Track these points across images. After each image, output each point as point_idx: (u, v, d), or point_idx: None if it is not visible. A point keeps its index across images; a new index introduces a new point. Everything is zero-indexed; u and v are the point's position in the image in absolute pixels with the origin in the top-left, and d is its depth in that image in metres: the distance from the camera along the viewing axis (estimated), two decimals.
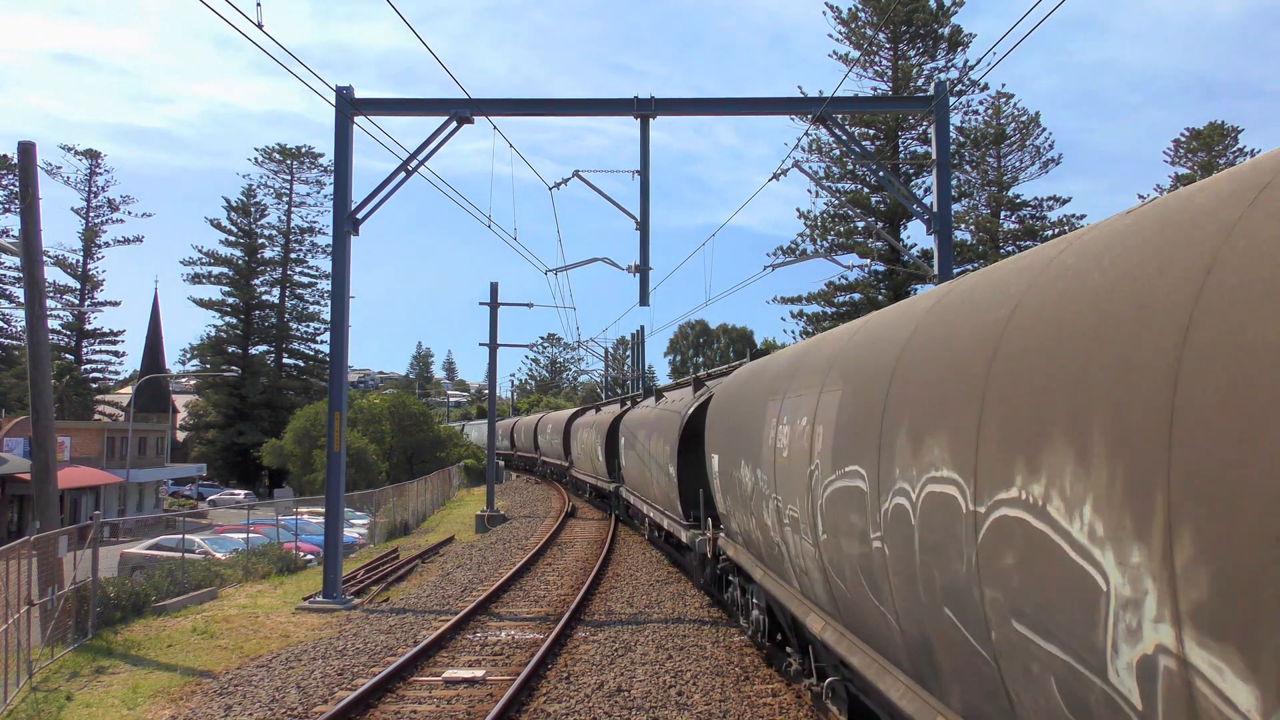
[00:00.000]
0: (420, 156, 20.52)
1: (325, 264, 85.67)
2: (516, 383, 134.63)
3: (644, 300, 21.22)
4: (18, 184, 18.32)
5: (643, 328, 66.62)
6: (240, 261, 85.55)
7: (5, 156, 73.58)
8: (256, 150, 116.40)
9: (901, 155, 50.48)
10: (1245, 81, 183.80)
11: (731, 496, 12.20)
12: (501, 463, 71.46)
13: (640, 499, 24.81)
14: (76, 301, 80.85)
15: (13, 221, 72.58)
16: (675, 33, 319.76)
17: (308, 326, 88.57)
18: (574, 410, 51.60)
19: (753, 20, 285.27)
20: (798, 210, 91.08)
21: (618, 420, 30.22)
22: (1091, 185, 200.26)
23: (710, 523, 15.45)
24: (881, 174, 26.47)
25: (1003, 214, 56.30)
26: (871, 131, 51.62)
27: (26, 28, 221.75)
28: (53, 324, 77.05)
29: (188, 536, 24.69)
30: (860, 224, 51.47)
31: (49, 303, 45.43)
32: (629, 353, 67.46)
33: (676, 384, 25.59)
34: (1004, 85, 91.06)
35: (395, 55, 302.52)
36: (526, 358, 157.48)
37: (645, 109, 20.42)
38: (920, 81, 51.83)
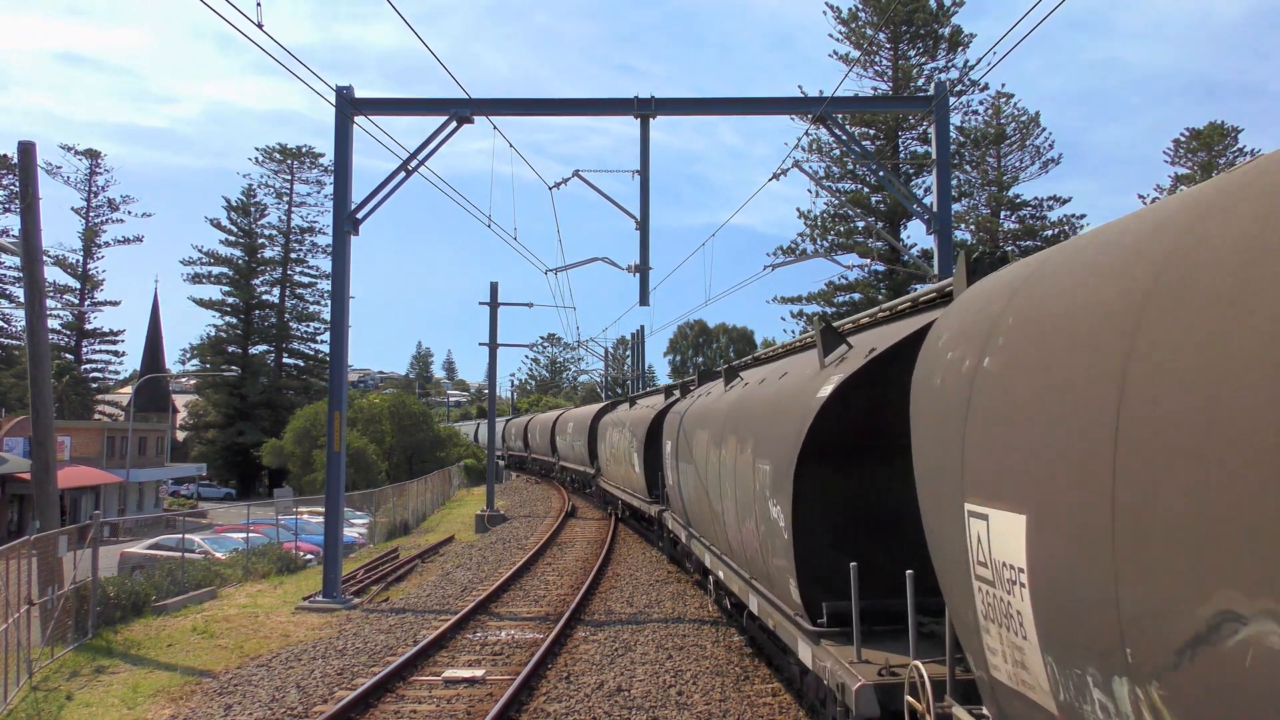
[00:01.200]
0: (420, 156, 20.53)
1: (325, 264, 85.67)
2: (516, 382, 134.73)
3: (644, 300, 21.22)
4: (18, 184, 18.33)
5: (643, 327, 66.70)
6: (240, 261, 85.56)
7: (5, 156, 73.58)
8: (257, 150, 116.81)
9: (901, 155, 50.48)
10: (1247, 82, 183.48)
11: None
12: (502, 462, 71.33)
13: (699, 539, 16.08)
14: (76, 301, 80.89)
15: (13, 221, 72.62)
16: (678, 33, 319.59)
17: (308, 326, 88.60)
18: (601, 405, 41.75)
19: (756, 20, 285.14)
20: (798, 210, 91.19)
21: (661, 416, 23.02)
22: (1094, 185, 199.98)
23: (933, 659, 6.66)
24: (881, 174, 26.49)
25: (1003, 214, 56.31)
26: (871, 131, 51.62)
27: (28, 28, 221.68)
28: (53, 324, 77.10)
29: (188, 536, 24.69)
30: (860, 224, 51.49)
31: (49, 302, 45.44)
32: (629, 352, 67.49)
33: (768, 355, 14.82)
34: (1004, 85, 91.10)
35: (398, 55, 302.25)
36: (526, 358, 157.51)
37: (645, 109, 20.42)
38: (920, 81, 51.83)
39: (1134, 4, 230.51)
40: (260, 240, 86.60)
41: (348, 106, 20.39)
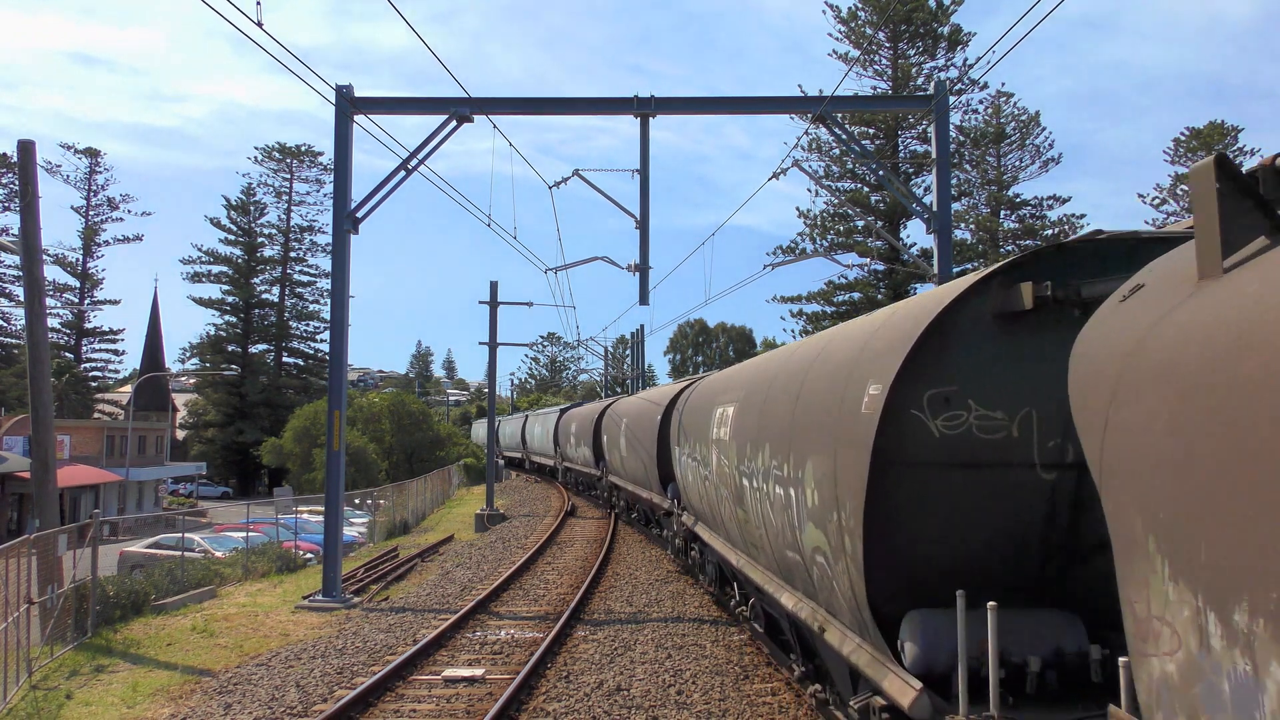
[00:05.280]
0: (420, 155, 20.51)
1: (325, 262, 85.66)
2: (516, 381, 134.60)
3: (644, 299, 21.20)
4: (17, 182, 18.32)
5: (642, 326, 66.69)
6: (240, 260, 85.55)
7: (5, 155, 73.54)
8: (256, 149, 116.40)
9: (901, 154, 50.45)
10: (1256, 83, 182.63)
11: None
12: (501, 461, 71.34)
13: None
14: (76, 300, 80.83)
15: (13, 220, 72.58)
16: (690, 35, 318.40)
17: (307, 325, 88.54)
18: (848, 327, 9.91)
19: (768, 22, 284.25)
20: (797, 209, 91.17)
21: None
22: (1099, 185, 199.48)
23: None
24: (881, 173, 26.48)
25: (1002, 213, 56.31)
26: (871, 130, 51.60)
27: (42, 28, 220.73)
28: (52, 322, 77.04)
29: (187, 535, 24.69)
30: (860, 223, 51.48)
31: (49, 301, 45.34)
32: (629, 351, 67.47)
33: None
34: (1004, 84, 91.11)
35: (410, 55, 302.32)
36: (526, 357, 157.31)
37: (645, 108, 20.42)
38: (920, 80, 51.83)
39: (1143, 4, 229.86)
40: (260, 239, 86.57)
41: (347, 105, 20.38)
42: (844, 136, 24.41)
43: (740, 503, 11.34)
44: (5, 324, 77.80)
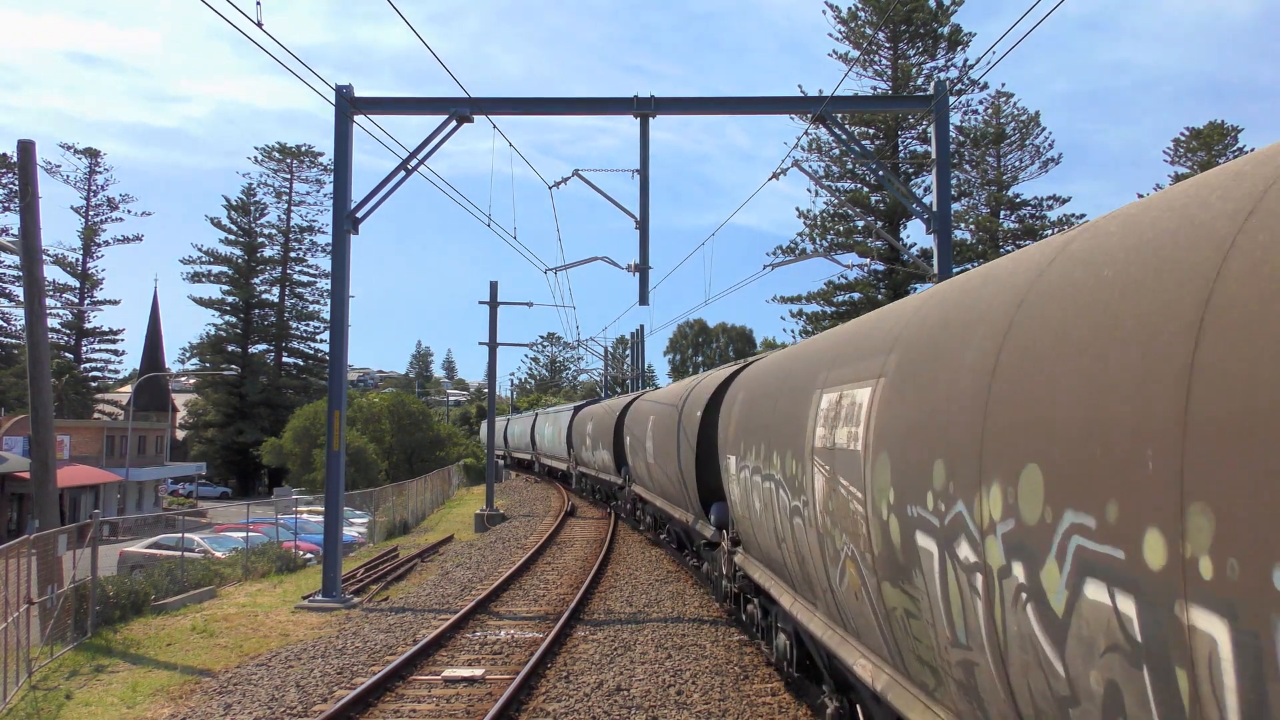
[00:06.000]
0: (420, 156, 20.52)
1: (325, 263, 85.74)
2: (516, 381, 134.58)
3: (643, 299, 21.20)
4: (17, 183, 18.32)
5: (642, 326, 66.77)
6: (240, 260, 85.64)
7: (5, 155, 73.56)
8: (256, 149, 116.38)
9: (901, 154, 50.47)
10: (1255, 83, 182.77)
11: None
12: (502, 461, 71.32)
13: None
14: (76, 300, 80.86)
15: (13, 220, 72.57)
16: (691, 35, 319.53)
17: (307, 325, 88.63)
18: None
19: (769, 22, 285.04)
20: (797, 209, 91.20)
21: None
22: (1099, 185, 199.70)
23: None
24: (881, 173, 26.49)
25: (1002, 213, 56.33)
26: (871, 131, 51.62)
27: (42, 28, 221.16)
28: (52, 322, 77.04)
29: (187, 535, 24.68)
30: (860, 223, 51.49)
31: (49, 301, 45.23)
32: (628, 352, 67.53)
33: None
34: (1004, 85, 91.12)
35: (412, 56, 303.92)
36: (526, 357, 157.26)
37: (645, 108, 20.42)
38: (920, 81, 51.84)
39: (1143, 5, 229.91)
40: (260, 239, 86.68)
41: (347, 105, 20.39)
42: (844, 136, 24.42)
43: (902, 577, 5.74)
44: (5, 324, 77.86)
